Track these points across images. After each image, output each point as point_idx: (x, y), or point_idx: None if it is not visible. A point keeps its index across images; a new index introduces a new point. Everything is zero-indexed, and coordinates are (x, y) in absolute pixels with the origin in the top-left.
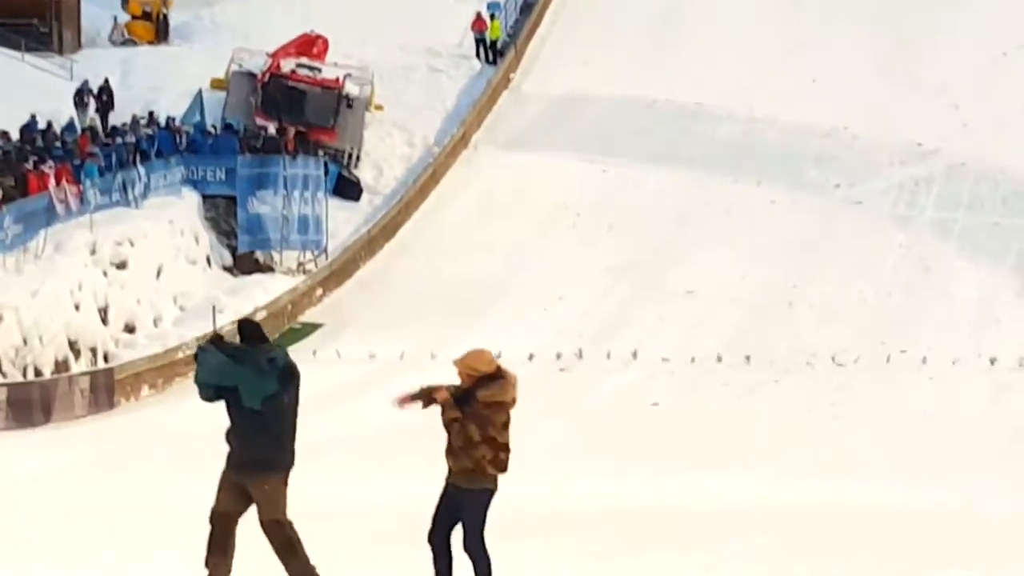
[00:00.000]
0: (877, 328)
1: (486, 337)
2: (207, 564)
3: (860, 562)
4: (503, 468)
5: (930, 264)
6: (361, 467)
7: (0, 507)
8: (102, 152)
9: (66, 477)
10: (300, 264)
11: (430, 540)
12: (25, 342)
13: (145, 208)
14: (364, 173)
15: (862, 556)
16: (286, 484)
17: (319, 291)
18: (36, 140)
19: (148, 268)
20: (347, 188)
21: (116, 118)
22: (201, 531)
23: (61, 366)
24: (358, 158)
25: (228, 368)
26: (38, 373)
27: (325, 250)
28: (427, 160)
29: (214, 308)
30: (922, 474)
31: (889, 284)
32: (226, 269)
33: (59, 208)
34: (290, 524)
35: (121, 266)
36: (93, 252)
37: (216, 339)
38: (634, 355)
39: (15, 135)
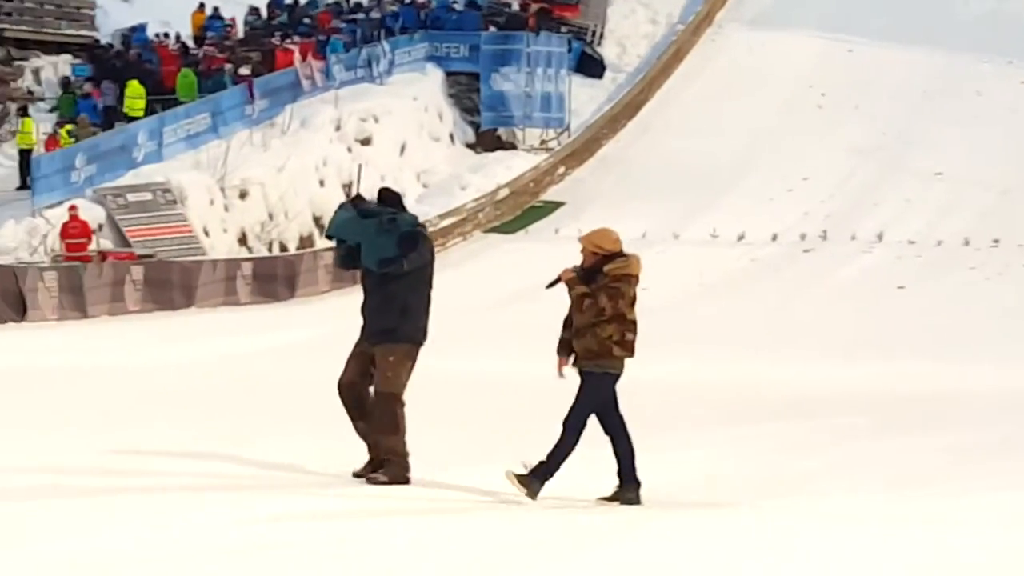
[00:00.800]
0: None
1: (729, 217)
2: (357, 431)
3: None
4: (630, 350)
5: None
6: None
7: (241, 377)
8: (346, 27)
9: (306, 350)
10: (542, 141)
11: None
12: (271, 217)
13: (389, 84)
14: (607, 50)
15: None
16: (412, 360)
17: (561, 169)
18: (282, 15)
19: (392, 144)
20: (590, 65)
21: None
22: (437, 404)
23: (305, 241)
24: (601, 35)
25: (352, 223)
26: (283, 248)
27: (567, 128)
28: (670, 38)
29: (360, 167)
30: None
31: None
32: (469, 146)
33: (304, 84)
34: (402, 404)
35: (365, 142)
36: (338, 128)
37: (357, 199)
38: (879, 237)
39: (263, 11)
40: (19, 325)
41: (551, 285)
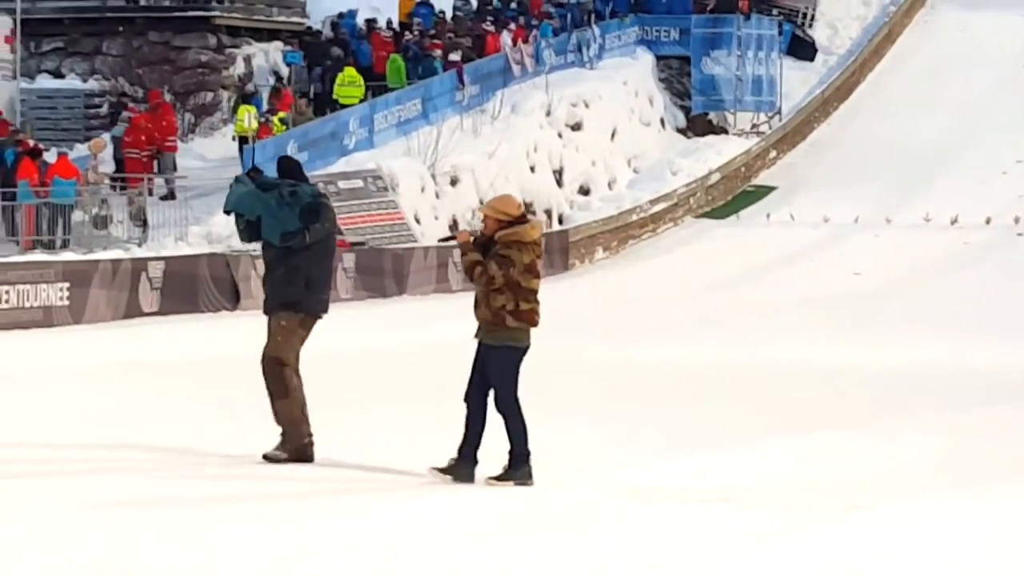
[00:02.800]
0: None
1: (941, 200)
2: (273, 409)
3: None
4: (529, 320)
5: None
6: (821, 329)
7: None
8: (557, 12)
9: None
10: (754, 125)
11: (465, 400)
12: (481, 203)
13: (599, 69)
14: (818, 33)
15: None
16: (307, 330)
17: (773, 153)
18: (492, 1)
19: (603, 129)
20: (801, 48)
21: None
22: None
23: None
24: (812, 17)
25: (251, 197)
26: None
27: (779, 111)
28: (882, 19)
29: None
30: None
31: None
32: (679, 131)
33: (515, 69)
34: (294, 369)
35: (576, 127)
36: (548, 113)
37: (253, 172)
38: None
39: None
40: (232, 313)
41: (444, 240)
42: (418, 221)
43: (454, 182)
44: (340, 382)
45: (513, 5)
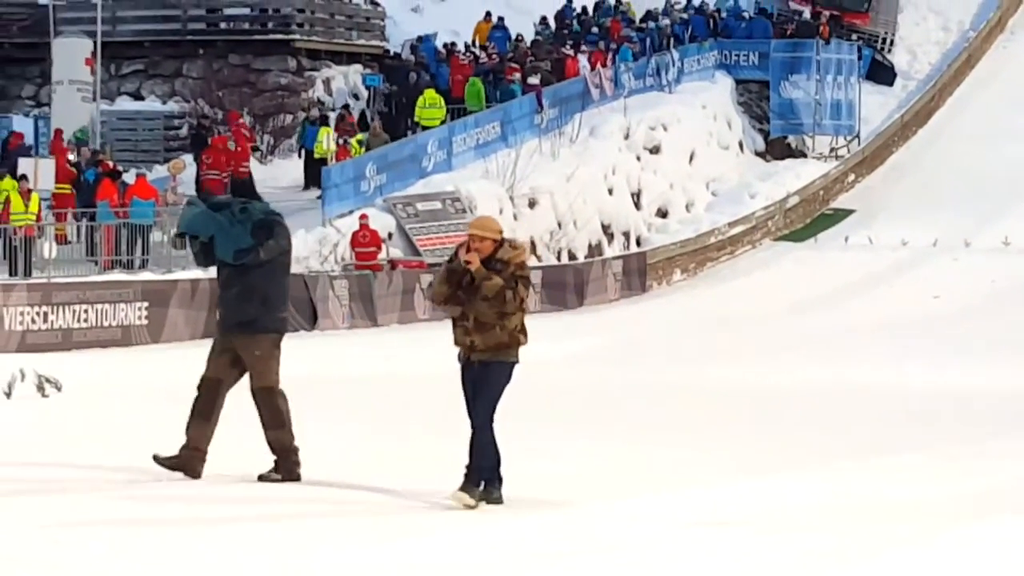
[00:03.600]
0: None
1: (1021, 224)
2: (187, 429)
3: None
4: (527, 337)
5: None
6: (899, 352)
7: (531, 387)
8: (636, 36)
9: (596, 358)
10: (832, 149)
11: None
12: (559, 226)
13: (678, 92)
14: (898, 58)
15: None
16: (278, 350)
17: (851, 177)
18: (572, 24)
19: (681, 153)
20: (881, 73)
21: (649, 2)
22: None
23: (594, 250)
24: (892, 42)
25: (203, 217)
26: (572, 256)
27: (857, 135)
28: (961, 45)
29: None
30: None
31: None
32: (758, 154)
33: (594, 93)
34: (281, 393)
35: (654, 151)
36: (627, 136)
37: (204, 194)
38: None
39: (551, 21)
40: (310, 333)
41: (457, 270)
42: None
43: (532, 204)
44: (416, 401)
45: (594, 29)
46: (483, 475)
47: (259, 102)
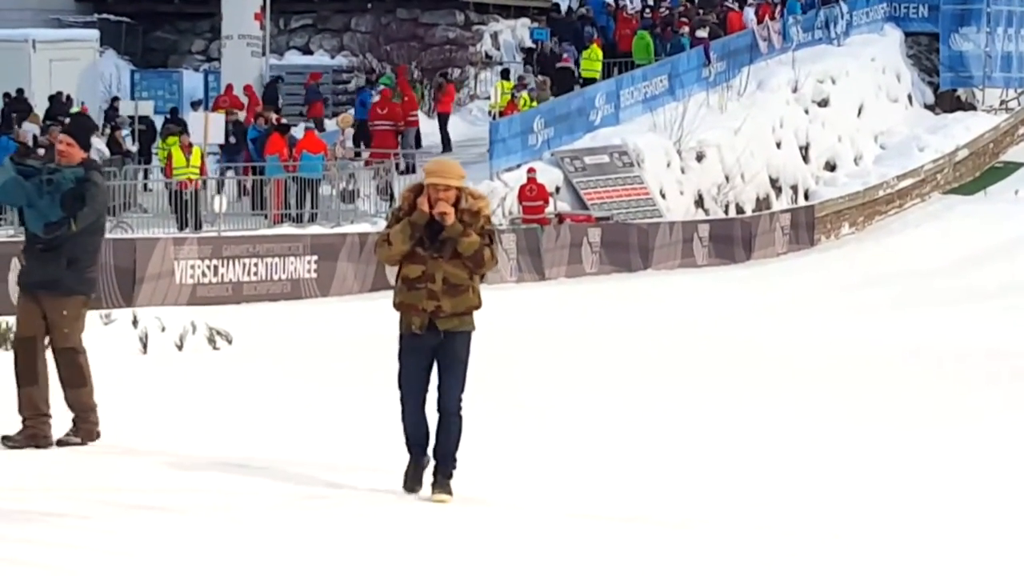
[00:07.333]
0: None
1: None
2: (19, 395)
3: None
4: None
5: None
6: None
7: (703, 340)
8: None
9: (765, 312)
10: (1002, 102)
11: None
12: (727, 179)
13: (847, 45)
14: None
15: None
16: (86, 308)
17: (1022, 130)
18: None
19: (849, 106)
20: None
21: None
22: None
23: (762, 203)
24: None
25: (14, 186)
26: (739, 210)
27: None
28: None
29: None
30: None
31: None
32: (927, 107)
33: (762, 45)
34: (84, 353)
35: (823, 104)
36: (795, 90)
37: (23, 151)
38: None
39: None
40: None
41: (419, 224)
42: (663, 196)
43: (700, 158)
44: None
45: None
46: (451, 464)
47: (427, 56)
